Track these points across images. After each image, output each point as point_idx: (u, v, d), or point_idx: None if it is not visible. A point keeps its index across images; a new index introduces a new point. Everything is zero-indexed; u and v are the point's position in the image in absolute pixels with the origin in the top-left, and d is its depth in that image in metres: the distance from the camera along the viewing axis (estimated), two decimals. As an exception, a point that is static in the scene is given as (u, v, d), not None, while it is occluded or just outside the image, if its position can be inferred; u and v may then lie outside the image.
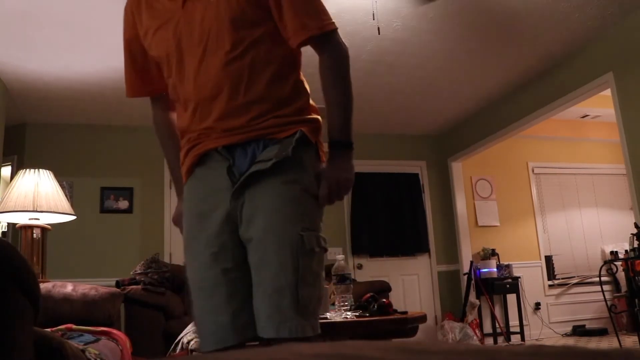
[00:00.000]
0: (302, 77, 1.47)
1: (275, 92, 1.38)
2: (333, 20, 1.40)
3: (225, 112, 1.35)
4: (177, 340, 2.57)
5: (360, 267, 6.10)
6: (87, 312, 2.84)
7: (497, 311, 6.09)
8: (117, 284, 3.91)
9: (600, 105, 5.93)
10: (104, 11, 3.61)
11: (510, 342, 5.95)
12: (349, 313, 2.43)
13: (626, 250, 5.08)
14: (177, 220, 1.57)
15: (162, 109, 1.59)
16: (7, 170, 5.40)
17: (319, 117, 1.46)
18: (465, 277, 6.14)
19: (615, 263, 5.16)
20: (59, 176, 3.71)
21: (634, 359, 0.31)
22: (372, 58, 4.53)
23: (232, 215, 1.34)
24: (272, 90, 1.37)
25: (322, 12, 1.39)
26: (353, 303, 2.54)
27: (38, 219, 3.34)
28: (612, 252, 6.19)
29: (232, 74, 1.34)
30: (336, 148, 1.40)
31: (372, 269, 6.08)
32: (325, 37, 1.38)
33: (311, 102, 1.48)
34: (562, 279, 6.64)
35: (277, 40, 1.39)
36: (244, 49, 1.35)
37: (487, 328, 6.00)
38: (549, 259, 6.66)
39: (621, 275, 6.01)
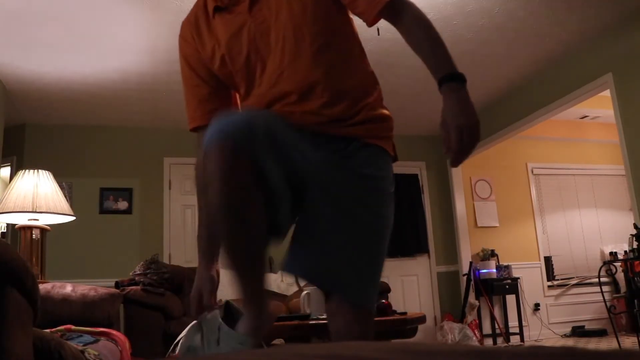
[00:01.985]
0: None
1: (361, 82, 1.40)
2: None
3: (322, 105, 1.32)
4: (176, 340, 2.57)
5: (359, 267, 6.10)
6: (86, 312, 2.84)
7: (497, 312, 6.09)
8: (117, 285, 3.90)
9: (599, 106, 5.93)
10: (104, 11, 3.61)
11: (509, 343, 5.95)
12: (348, 314, 2.42)
13: (625, 251, 5.09)
14: (201, 294, 1.38)
15: None
16: (6, 171, 5.40)
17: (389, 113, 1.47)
18: (465, 277, 6.14)
19: (614, 264, 5.16)
20: (58, 177, 3.71)
21: None
22: (372, 59, 4.49)
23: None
24: (358, 79, 1.39)
25: None
26: (352, 304, 2.54)
27: (37, 220, 3.34)
28: (611, 253, 6.20)
29: (322, 66, 1.33)
30: (450, 82, 1.24)
31: (372, 270, 6.07)
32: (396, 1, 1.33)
33: None
34: (562, 279, 6.64)
35: (349, 30, 1.41)
36: (325, 41, 1.34)
37: (487, 329, 6.00)
38: (548, 260, 6.66)
39: (620, 276, 6.01)
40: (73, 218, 3.52)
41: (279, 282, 4.08)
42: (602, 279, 5.08)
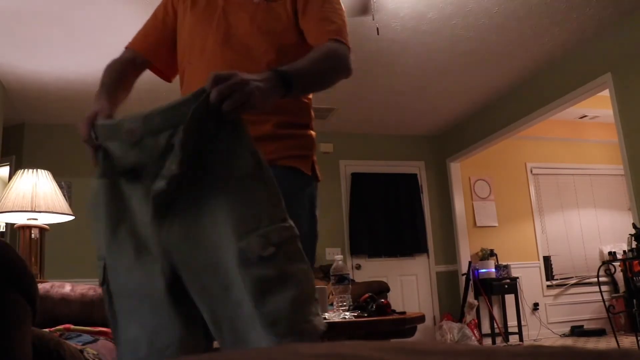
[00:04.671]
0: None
1: (286, 105, 1.35)
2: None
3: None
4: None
5: (358, 267, 6.10)
6: (85, 312, 2.84)
7: (496, 312, 6.10)
8: (116, 285, 3.90)
9: (598, 106, 5.94)
10: (103, 11, 3.61)
11: (508, 343, 5.95)
12: (347, 313, 2.43)
13: (624, 251, 5.09)
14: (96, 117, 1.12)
15: (133, 67, 1.56)
16: (5, 171, 5.39)
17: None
18: (464, 277, 6.14)
19: (613, 264, 5.16)
20: (57, 176, 3.70)
21: (631, 359, 0.31)
22: (371, 58, 4.53)
23: None
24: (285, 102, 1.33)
25: (345, 31, 1.40)
26: (351, 303, 2.54)
27: (36, 219, 3.33)
28: (610, 253, 6.20)
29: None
30: (276, 74, 1.10)
31: (371, 270, 6.08)
32: (342, 41, 1.38)
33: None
34: (561, 279, 6.65)
35: (300, 51, 1.39)
36: (276, 57, 1.36)
37: (486, 328, 6.01)
38: (547, 260, 6.66)
39: (619, 276, 6.02)
40: (72, 217, 3.52)
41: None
42: (601, 279, 5.08)
